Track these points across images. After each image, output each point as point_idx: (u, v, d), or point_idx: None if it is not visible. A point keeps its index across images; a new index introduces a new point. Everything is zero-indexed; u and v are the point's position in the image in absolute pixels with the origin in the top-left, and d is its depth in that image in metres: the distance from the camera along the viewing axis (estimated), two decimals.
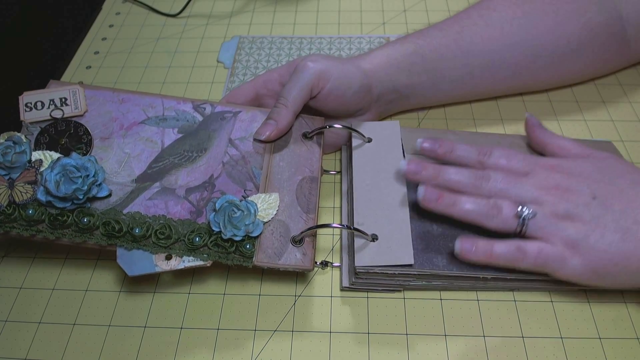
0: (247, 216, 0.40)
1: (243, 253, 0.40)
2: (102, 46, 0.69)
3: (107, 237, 0.40)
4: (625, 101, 0.57)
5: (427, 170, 0.42)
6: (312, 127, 0.48)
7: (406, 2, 0.73)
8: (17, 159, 0.41)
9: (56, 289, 0.45)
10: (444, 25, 0.53)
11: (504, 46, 0.51)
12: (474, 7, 0.53)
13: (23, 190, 0.41)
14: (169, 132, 0.46)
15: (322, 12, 0.72)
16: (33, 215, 0.40)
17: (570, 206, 0.38)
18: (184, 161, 0.44)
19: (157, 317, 0.43)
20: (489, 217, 0.39)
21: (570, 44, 0.52)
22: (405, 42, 0.51)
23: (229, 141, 0.46)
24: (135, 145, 0.45)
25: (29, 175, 0.41)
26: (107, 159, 0.44)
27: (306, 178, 0.45)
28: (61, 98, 0.46)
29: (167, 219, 0.41)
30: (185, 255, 0.40)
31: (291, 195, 0.43)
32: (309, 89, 0.45)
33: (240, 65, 0.64)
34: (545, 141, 0.46)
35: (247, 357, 0.40)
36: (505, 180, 0.40)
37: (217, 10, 0.73)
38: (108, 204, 0.42)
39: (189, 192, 0.43)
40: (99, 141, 0.45)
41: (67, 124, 0.45)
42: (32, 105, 0.45)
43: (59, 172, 0.40)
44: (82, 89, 0.47)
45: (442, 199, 0.40)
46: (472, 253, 0.39)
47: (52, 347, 0.41)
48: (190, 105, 0.48)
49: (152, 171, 0.44)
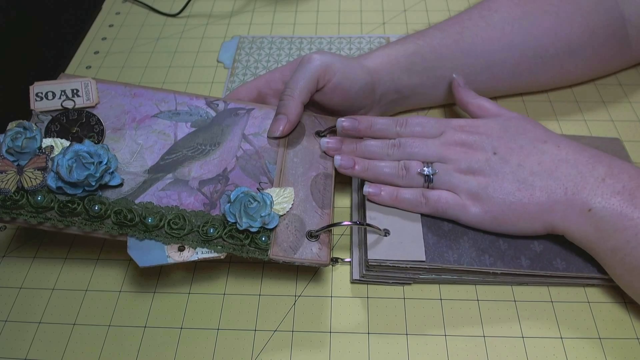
0: (263, 207, 0.39)
1: (258, 245, 0.39)
2: (102, 46, 0.69)
3: (118, 227, 0.39)
4: (625, 101, 0.57)
5: (347, 144, 0.46)
6: (324, 125, 0.48)
7: (406, 2, 0.73)
8: (27, 144, 0.40)
9: (56, 289, 0.45)
10: (444, 25, 0.53)
11: (505, 47, 0.51)
12: (475, 7, 0.53)
13: (32, 176, 0.40)
14: (182, 126, 0.46)
15: (322, 12, 0.72)
16: (42, 202, 0.39)
17: (472, 161, 0.42)
18: (197, 154, 0.44)
19: (157, 317, 0.43)
20: (399, 177, 0.43)
21: (571, 45, 0.52)
22: (406, 42, 0.51)
23: (243, 136, 0.46)
24: (148, 137, 0.45)
25: (39, 162, 0.40)
26: (118, 150, 0.44)
27: (320, 174, 0.45)
28: (73, 89, 0.46)
29: (180, 209, 0.41)
30: (199, 247, 0.39)
31: (306, 191, 0.43)
32: (315, 80, 0.46)
33: (240, 65, 0.64)
34: (467, 101, 0.48)
35: (247, 357, 0.40)
36: (414, 144, 0.44)
37: (217, 10, 0.73)
38: (119, 194, 0.41)
39: (202, 184, 0.43)
40: (110, 132, 0.45)
41: (79, 114, 0.45)
42: (43, 95, 0.45)
43: (71, 157, 0.39)
44: (95, 81, 0.47)
45: (357, 165, 0.44)
46: (379, 196, 0.43)
47: (52, 347, 0.41)
48: (203, 101, 0.48)
49: (165, 163, 0.43)
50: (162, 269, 0.45)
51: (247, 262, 0.45)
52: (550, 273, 0.41)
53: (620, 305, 0.42)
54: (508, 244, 0.42)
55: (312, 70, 0.46)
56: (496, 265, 0.41)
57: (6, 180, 0.39)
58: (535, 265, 0.41)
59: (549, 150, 0.42)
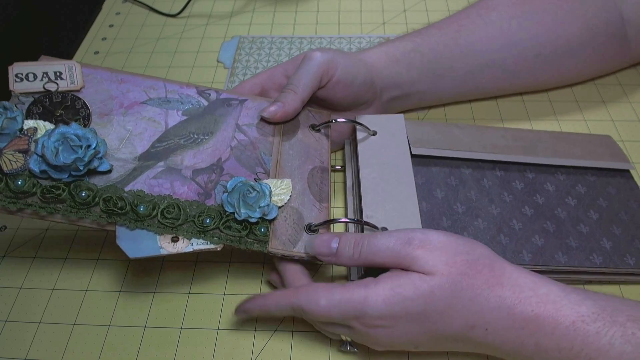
0: (262, 197, 0.38)
1: (257, 237, 0.38)
2: (102, 46, 0.69)
3: (107, 215, 0.37)
4: (625, 101, 0.57)
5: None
6: (319, 120, 0.48)
7: (406, 2, 0.73)
8: (8, 124, 0.37)
9: (56, 289, 0.45)
10: (442, 24, 0.53)
11: (503, 45, 0.51)
12: (473, 6, 0.53)
13: (12, 159, 0.37)
14: (173, 114, 0.44)
15: (322, 12, 0.72)
16: (22, 187, 0.36)
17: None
18: (190, 143, 0.43)
19: (157, 317, 0.43)
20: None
21: (570, 44, 0.52)
22: (404, 40, 0.51)
23: (237, 126, 0.45)
24: (137, 123, 0.43)
25: (21, 143, 0.37)
26: (106, 135, 0.41)
27: (317, 168, 0.44)
28: (56, 72, 0.43)
29: (174, 198, 0.39)
30: (194, 238, 0.38)
31: (303, 184, 0.43)
32: (319, 77, 0.45)
33: (240, 65, 0.64)
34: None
35: (247, 357, 0.40)
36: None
37: (217, 10, 0.73)
38: (108, 180, 0.39)
39: (195, 174, 0.41)
40: (97, 117, 0.42)
41: (64, 96, 0.42)
42: (23, 77, 0.42)
43: (58, 139, 0.37)
44: (79, 64, 0.44)
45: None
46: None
47: (52, 347, 0.41)
48: (194, 90, 0.46)
49: (156, 150, 0.42)
50: (162, 267, 0.45)
51: (247, 262, 0.45)
52: (552, 268, 0.41)
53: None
54: (509, 238, 0.42)
55: (315, 67, 0.45)
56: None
57: None
58: (538, 259, 0.41)
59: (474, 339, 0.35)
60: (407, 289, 0.33)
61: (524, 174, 0.47)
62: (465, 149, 0.47)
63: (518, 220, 0.44)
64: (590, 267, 0.41)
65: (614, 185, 0.47)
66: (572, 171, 0.48)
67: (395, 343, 0.36)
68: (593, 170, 0.48)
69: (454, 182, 0.46)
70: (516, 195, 0.46)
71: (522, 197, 0.46)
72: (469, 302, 0.33)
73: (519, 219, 0.44)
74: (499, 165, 0.48)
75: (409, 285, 0.34)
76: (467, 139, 0.49)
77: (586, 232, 0.43)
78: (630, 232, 0.44)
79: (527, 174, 0.47)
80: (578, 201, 0.46)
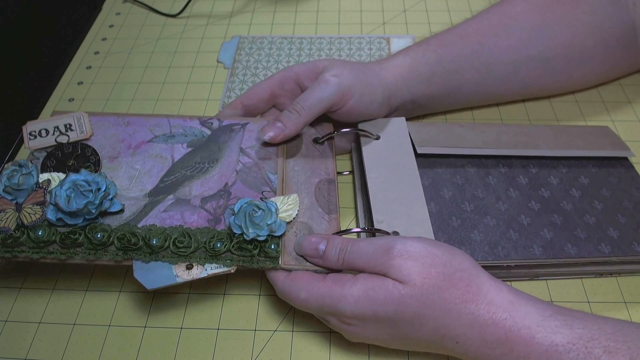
0: (268, 215, 0.39)
1: (268, 254, 0.39)
2: (102, 46, 0.69)
3: (122, 252, 0.39)
4: (625, 101, 0.57)
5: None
6: (321, 133, 0.48)
7: (406, 2, 0.73)
8: (24, 180, 0.40)
9: (56, 289, 0.45)
10: (465, 32, 0.51)
11: (520, 57, 0.51)
12: (495, 12, 0.52)
13: (31, 212, 0.39)
14: (178, 147, 0.46)
15: (322, 12, 0.72)
16: (43, 236, 0.38)
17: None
18: (196, 172, 0.44)
19: (157, 317, 0.43)
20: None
21: (583, 56, 0.52)
22: (427, 51, 0.50)
23: (240, 150, 0.46)
24: (145, 162, 0.44)
25: (37, 196, 0.40)
26: (117, 177, 0.43)
27: (323, 180, 0.45)
28: (66, 124, 0.45)
29: (184, 228, 0.40)
30: (207, 263, 0.39)
31: (310, 198, 0.43)
32: (329, 104, 0.45)
33: (240, 65, 0.64)
34: None
35: (247, 357, 0.40)
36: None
37: (217, 10, 0.73)
38: (121, 220, 0.40)
39: (204, 202, 0.42)
40: (107, 161, 0.44)
41: (74, 146, 0.45)
42: (37, 134, 0.45)
43: (69, 187, 0.39)
44: (87, 114, 0.47)
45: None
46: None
47: (52, 347, 0.41)
48: (197, 121, 0.48)
49: (165, 185, 0.43)
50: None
51: None
52: (564, 261, 0.41)
53: (620, 305, 0.42)
54: (519, 233, 0.43)
55: (328, 94, 0.44)
56: (510, 256, 0.41)
57: (5, 219, 0.39)
58: (548, 252, 0.41)
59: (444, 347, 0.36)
60: (379, 293, 0.35)
61: (528, 168, 0.48)
62: (470, 146, 0.48)
63: (526, 215, 0.44)
64: (600, 256, 0.41)
65: (615, 175, 0.48)
66: (574, 163, 0.48)
67: (369, 340, 0.38)
68: (594, 161, 0.49)
69: (460, 181, 0.46)
70: (522, 191, 0.46)
71: (528, 192, 0.46)
72: (440, 314, 0.34)
73: (527, 213, 0.44)
74: (503, 162, 0.48)
75: (381, 289, 0.35)
76: (470, 137, 0.49)
77: (593, 223, 0.44)
78: (635, 220, 0.44)
79: (530, 168, 0.48)
80: (582, 192, 0.46)
